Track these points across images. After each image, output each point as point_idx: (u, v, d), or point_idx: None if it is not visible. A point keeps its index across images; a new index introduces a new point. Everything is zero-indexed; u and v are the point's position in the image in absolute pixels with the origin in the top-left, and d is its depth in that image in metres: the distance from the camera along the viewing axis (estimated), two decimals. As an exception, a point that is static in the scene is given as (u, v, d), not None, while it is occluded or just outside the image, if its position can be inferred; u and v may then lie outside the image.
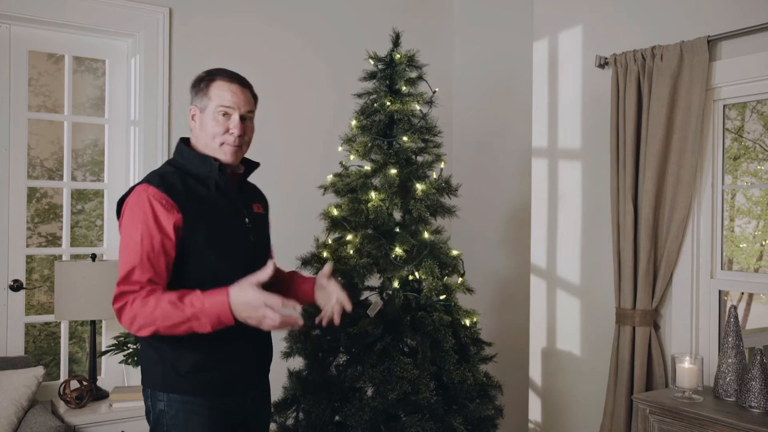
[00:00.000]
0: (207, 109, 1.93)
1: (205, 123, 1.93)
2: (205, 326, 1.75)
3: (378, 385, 2.46)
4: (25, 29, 3.17)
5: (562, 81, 3.22)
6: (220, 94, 1.92)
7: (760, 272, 2.97)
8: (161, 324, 1.75)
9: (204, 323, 1.75)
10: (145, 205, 1.81)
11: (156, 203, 1.82)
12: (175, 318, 1.75)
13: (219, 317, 1.75)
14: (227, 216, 1.96)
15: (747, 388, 2.33)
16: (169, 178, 1.88)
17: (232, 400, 1.95)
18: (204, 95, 1.94)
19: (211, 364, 1.89)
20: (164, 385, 1.89)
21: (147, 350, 1.93)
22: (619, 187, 2.83)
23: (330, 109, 3.73)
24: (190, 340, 1.83)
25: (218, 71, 1.98)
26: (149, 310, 1.75)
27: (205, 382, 1.89)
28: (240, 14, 3.57)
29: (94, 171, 3.69)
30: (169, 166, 1.97)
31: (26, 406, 2.73)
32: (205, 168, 1.93)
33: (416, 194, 2.63)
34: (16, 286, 3.15)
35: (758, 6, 2.51)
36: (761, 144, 2.88)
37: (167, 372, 1.88)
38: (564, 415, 3.20)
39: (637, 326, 2.75)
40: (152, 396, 1.91)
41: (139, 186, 1.87)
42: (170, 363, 1.87)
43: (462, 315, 2.66)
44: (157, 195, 1.83)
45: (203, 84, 1.95)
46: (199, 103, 1.95)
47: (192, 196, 1.89)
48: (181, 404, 1.87)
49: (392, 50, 2.76)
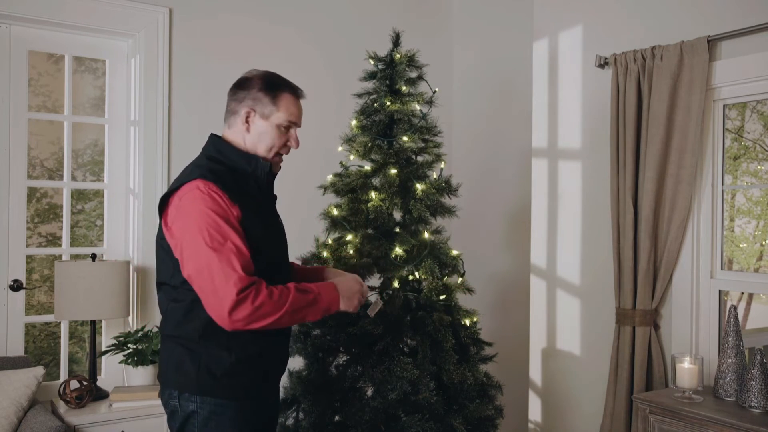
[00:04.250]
0: (271, 118, 1.94)
1: (266, 131, 1.95)
2: (317, 313, 1.87)
3: (378, 385, 2.46)
4: (25, 29, 3.17)
5: (562, 81, 3.22)
6: (289, 107, 1.96)
7: (760, 272, 2.97)
8: (288, 309, 1.79)
9: (317, 309, 1.87)
10: (211, 200, 1.78)
11: (218, 198, 1.78)
12: (302, 302, 1.82)
13: (330, 305, 1.90)
14: (271, 215, 2.02)
15: (747, 388, 2.33)
16: (222, 174, 1.86)
17: (262, 402, 1.96)
18: (270, 103, 1.94)
19: (245, 366, 1.88)
20: (198, 387, 1.85)
21: (175, 351, 1.88)
22: (619, 187, 2.83)
23: (330, 109, 3.73)
24: (226, 342, 1.83)
25: (285, 82, 1.99)
26: (276, 298, 1.77)
27: (238, 385, 1.87)
28: (240, 14, 3.57)
29: (94, 171, 3.69)
30: (212, 162, 1.92)
31: (26, 406, 2.74)
32: (250, 167, 1.94)
33: (416, 194, 2.63)
34: (16, 286, 3.15)
35: (758, 6, 2.51)
36: (761, 144, 2.88)
37: (202, 374, 1.84)
38: (564, 415, 3.20)
39: (637, 326, 2.75)
40: (181, 397, 1.87)
41: (196, 180, 1.81)
42: (205, 365, 1.84)
43: (462, 315, 2.66)
44: (216, 189, 1.79)
45: (271, 94, 1.95)
46: (260, 108, 1.94)
47: (241, 193, 1.87)
48: (214, 407, 1.85)
49: (392, 50, 2.76)
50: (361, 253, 2.57)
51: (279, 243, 2.04)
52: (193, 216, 1.77)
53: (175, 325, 1.88)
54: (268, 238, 1.93)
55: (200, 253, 1.75)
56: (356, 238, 2.62)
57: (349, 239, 2.62)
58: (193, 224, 1.76)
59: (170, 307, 1.90)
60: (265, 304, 1.74)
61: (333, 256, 2.62)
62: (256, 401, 1.94)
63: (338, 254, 2.61)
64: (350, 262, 2.55)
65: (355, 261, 2.55)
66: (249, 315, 1.73)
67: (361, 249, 2.58)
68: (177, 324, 1.88)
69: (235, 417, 1.87)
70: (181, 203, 1.81)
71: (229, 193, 1.81)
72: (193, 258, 1.76)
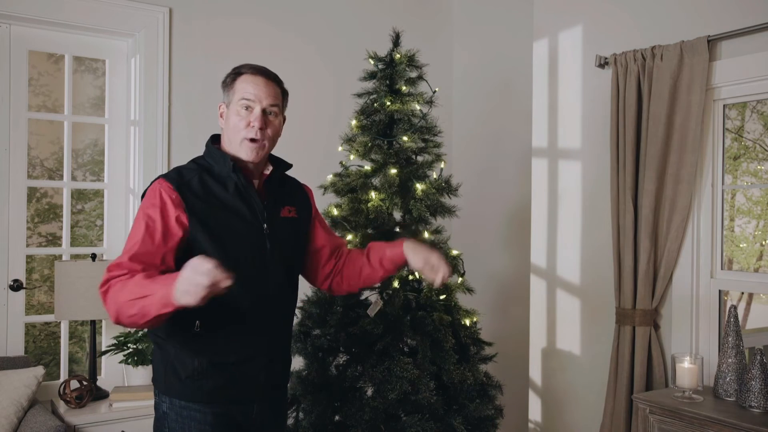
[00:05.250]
0: (231, 104, 1.91)
1: (229, 117, 1.91)
2: (158, 308, 1.61)
3: (378, 385, 2.46)
4: (25, 29, 3.17)
5: (562, 81, 3.22)
6: (243, 87, 1.89)
7: (760, 272, 2.97)
8: (121, 300, 1.65)
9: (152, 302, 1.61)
10: (156, 198, 1.81)
11: (166, 197, 1.81)
12: (132, 294, 1.64)
13: (163, 298, 1.59)
14: (242, 219, 1.88)
15: (747, 388, 2.33)
16: (186, 175, 1.87)
17: (236, 409, 1.89)
18: (230, 90, 1.92)
19: (213, 370, 1.84)
20: (165, 388, 1.87)
21: (156, 350, 1.92)
22: (619, 187, 2.83)
23: (330, 109, 3.73)
24: (193, 344, 1.82)
25: (245, 65, 1.94)
26: (118, 289, 1.68)
27: (204, 388, 1.84)
28: (240, 14, 3.57)
29: (94, 171, 3.69)
30: (193, 162, 1.96)
31: (26, 405, 2.73)
32: (218, 166, 1.90)
33: (416, 194, 2.63)
34: (16, 286, 3.15)
35: (758, 6, 2.51)
36: (761, 144, 2.88)
37: (169, 376, 1.86)
38: (564, 415, 3.20)
39: (637, 326, 2.75)
40: (157, 396, 1.91)
41: (157, 179, 1.87)
42: (171, 366, 1.85)
43: (462, 315, 2.66)
44: (168, 189, 1.82)
45: (229, 79, 1.93)
46: (226, 99, 1.94)
47: (205, 195, 1.85)
48: (180, 409, 1.85)
49: (392, 50, 2.76)
50: (361, 253, 2.57)
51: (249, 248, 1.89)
52: (139, 209, 1.85)
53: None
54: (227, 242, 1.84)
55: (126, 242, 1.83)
56: (356, 238, 2.62)
57: (350, 239, 2.62)
58: (136, 217, 1.84)
59: None
60: (111, 299, 1.69)
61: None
62: (228, 409, 1.88)
63: (338, 254, 2.61)
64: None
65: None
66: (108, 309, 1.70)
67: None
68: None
69: (202, 421, 1.84)
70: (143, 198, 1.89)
71: (181, 193, 1.81)
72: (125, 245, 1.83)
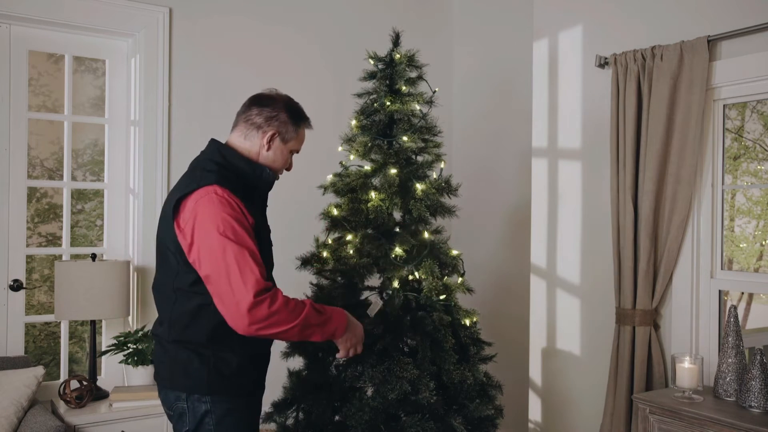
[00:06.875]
0: (288, 144, 2.09)
1: (280, 153, 2.08)
2: (324, 334, 1.95)
3: (378, 385, 2.46)
4: (25, 29, 3.17)
5: (562, 81, 3.22)
6: (302, 138, 2.15)
7: (760, 272, 2.97)
8: (300, 323, 1.84)
9: (326, 330, 1.95)
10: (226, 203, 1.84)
11: (232, 200, 1.86)
12: (314, 320, 1.89)
13: (336, 329, 1.99)
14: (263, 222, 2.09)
15: (747, 388, 2.33)
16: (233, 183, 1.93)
17: (258, 399, 2.10)
18: (293, 131, 2.09)
19: (249, 366, 1.99)
20: (209, 388, 1.92)
21: (181, 354, 1.93)
22: (619, 187, 2.83)
23: (330, 109, 3.73)
24: (231, 344, 1.91)
25: (305, 116, 2.15)
26: (291, 308, 1.83)
27: (244, 383, 1.98)
28: (240, 14, 3.57)
29: (94, 171, 3.69)
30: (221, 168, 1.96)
31: (26, 406, 2.73)
32: (255, 174, 2.02)
33: (416, 194, 2.63)
34: (16, 286, 3.15)
35: (758, 6, 2.51)
36: (761, 144, 2.88)
37: (212, 376, 1.92)
38: (564, 415, 3.20)
39: (637, 326, 2.75)
40: (189, 399, 1.93)
41: (209, 186, 1.86)
42: (215, 367, 1.92)
43: (462, 315, 2.66)
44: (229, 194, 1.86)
45: (296, 121, 2.10)
46: (286, 135, 2.08)
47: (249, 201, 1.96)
48: (225, 404, 1.94)
49: (392, 50, 2.76)
50: (361, 253, 2.57)
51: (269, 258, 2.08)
52: (212, 219, 1.82)
53: (181, 330, 1.93)
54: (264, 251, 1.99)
55: (219, 254, 1.80)
56: (356, 238, 2.62)
57: (349, 239, 2.62)
58: (212, 227, 1.81)
59: (175, 313, 1.94)
60: (280, 312, 1.80)
61: (333, 256, 2.62)
62: (255, 400, 2.08)
63: (338, 254, 2.61)
64: (350, 262, 2.55)
65: (355, 261, 2.55)
66: (263, 319, 1.78)
67: (361, 249, 2.58)
68: (184, 328, 1.93)
69: (242, 413, 1.99)
70: (196, 206, 1.84)
71: (243, 201, 1.89)
72: (212, 259, 1.81)
